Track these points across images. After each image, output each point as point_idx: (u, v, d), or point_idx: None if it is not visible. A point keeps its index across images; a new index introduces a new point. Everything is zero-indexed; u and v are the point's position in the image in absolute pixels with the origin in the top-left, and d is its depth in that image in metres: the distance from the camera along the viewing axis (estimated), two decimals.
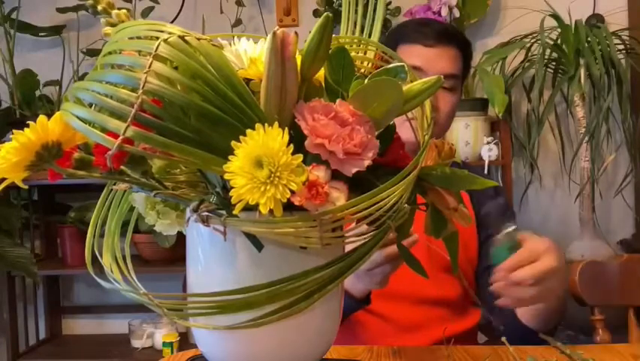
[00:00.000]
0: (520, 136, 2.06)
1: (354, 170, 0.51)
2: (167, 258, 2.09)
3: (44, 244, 2.32)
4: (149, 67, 0.47)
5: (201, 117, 0.49)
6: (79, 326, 2.44)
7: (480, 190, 0.74)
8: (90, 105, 0.51)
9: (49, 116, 0.50)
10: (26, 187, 0.52)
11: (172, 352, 2.01)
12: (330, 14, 0.51)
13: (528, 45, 1.98)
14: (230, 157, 0.48)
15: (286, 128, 0.48)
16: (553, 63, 2.00)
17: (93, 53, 2.23)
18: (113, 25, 0.58)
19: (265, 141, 0.47)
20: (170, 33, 0.50)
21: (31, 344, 2.29)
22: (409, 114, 0.61)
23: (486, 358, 0.86)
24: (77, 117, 0.48)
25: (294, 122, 0.51)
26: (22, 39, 2.32)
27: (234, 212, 0.48)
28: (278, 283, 0.51)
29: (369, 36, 0.66)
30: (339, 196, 0.51)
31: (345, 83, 0.56)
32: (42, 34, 2.30)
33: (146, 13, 2.17)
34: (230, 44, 0.58)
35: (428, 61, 1.13)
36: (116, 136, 0.46)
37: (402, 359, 0.88)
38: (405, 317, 1.14)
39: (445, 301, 1.16)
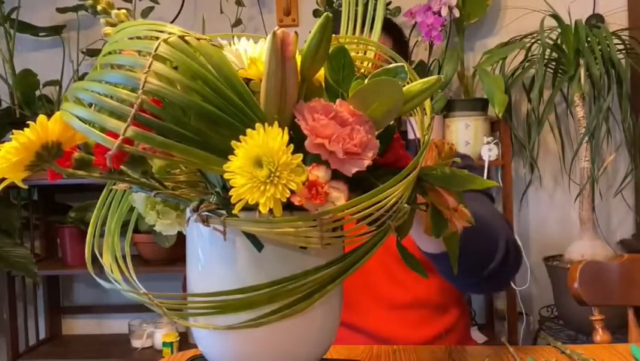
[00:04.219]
0: (520, 136, 2.06)
1: (354, 170, 0.51)
2: (167, 258, 2.09)
3: (44, 244, 2.32)
4: (149, 67, 0.47)
5: (201, 117, 0.49)
6: (79, 326, 2.44)
7: None
8: (90, 105, 0.51)
9: (49, 116, 0.50)
10: (26, 187, 0.52)
11: (172, 352, 2.01)
12: (330, 14, 0.51)
13: (528, 45, 1.98)
14: (230, 157, 0.48)
15: (286, 128, 0.48)
16: (553, 63, 1.99)
17: (93, 53, 2.23)
18: (112, 25, 0.58)
19: (265, 140, 0.47)
20: (170, 33, 0.50)
21: (31, 344, 2.29)
22: None
23: (486, 358, 0.86)
24: (77, 117, 0.48)
25: (294, 122, 0.51)
26: (22, 39, 2.32)
27: (234, 212, 0.48)
28: (278, 283, 0.51)
29: (370, 36, 0.66)
30: (339, 196, 0.51)
31: (345, 83, 0.56)
32: (42, 34, 2.30)
33: (145, 13, 2.17)
34: (230, 44, 0.58)
35: None
36: (115, 136, 0.46)
37: (402, 359, 0.88)
38: (377, 326, 1.11)
39: (419, 303, 1.12)
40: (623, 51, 1.93)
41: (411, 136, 1.16)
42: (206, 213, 0.54)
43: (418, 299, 1.12)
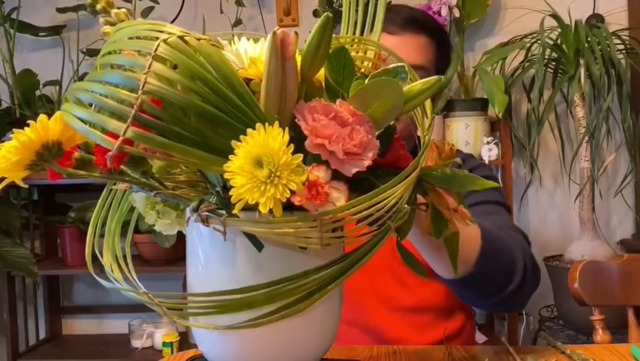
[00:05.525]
0: (520, 136, 2.06)
1: (354, 170, 0.51)
2: (167, 258, 2.09)
3: (44, 244, 2.32)
4: (149, 67, 0.47)
5: (201, 117, 0.49)
6: (79, 326, 2.44)
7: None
8: (90, 105, 0.51)
9: (49, 116, 0.50)
10: (26, 187, 0.51)
11: (172, 352, 2.01)
12: (330, 14, 0.50)
13: (528, 45, 1.98)
14: (230, 156, 0.47)
15: (286, 128, 0.48)
16: (553, 63, 1.99)
17: (93, 53, 2.23)
18: (112, 24, 0.58)
19: (265, 140, 0.47)
20: (169, 33, 0.50)
21: (31, 344, 2.29)
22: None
23: (486, 358, 0.86)
24: (77, 118, 0.48)
25: (294, 122, 0.51)
26: (22, 39, 2.32)
27: (234, 212, 0.48)
28: (278, 283, 0.51)
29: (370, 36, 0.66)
30: (339, 196, 0.51)
31: (345, 83, 0.56)
32: (42, 34, 2.30)
33: (146, 13, 2.17)
34: (230, 43, 0.58)
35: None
36: (115, 137, 0.46)
37: (402, 359, 0.88)
38: (382, 327, 1.10)
39: (424, 307, 1.11)
40: (623, 51, 1.93)
41: None
42: (206, 213, 0.54)
43: (424, 302, 1.11)
